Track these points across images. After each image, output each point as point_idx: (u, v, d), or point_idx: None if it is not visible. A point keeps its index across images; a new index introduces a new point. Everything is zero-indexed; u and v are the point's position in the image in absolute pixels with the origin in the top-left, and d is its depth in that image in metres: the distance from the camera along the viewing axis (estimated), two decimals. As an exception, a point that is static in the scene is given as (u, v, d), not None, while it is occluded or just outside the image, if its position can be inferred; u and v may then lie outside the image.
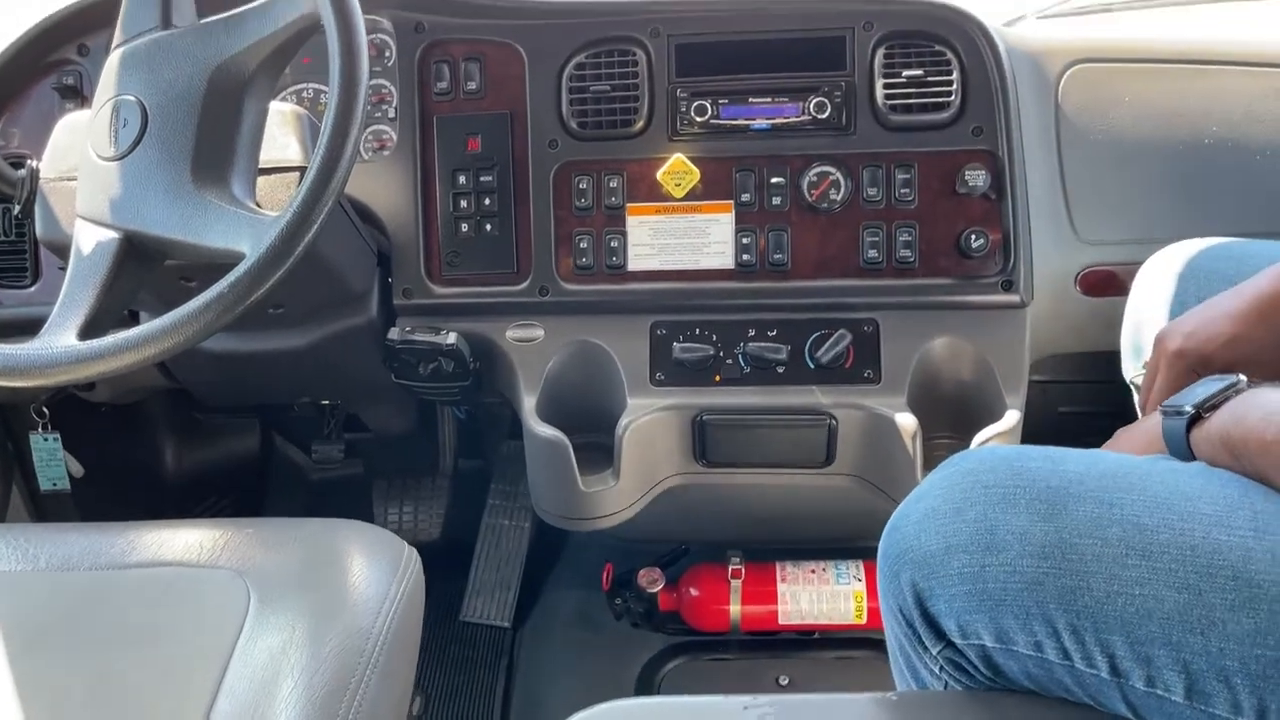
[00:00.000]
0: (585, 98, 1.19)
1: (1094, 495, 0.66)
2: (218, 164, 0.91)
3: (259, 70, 0.92)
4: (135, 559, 0.86)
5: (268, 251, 0.81)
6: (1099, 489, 0.66)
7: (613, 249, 1.18)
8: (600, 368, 1.21)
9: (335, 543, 0.89)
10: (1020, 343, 1.17)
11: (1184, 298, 0.96)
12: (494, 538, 1.63)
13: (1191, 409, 0.70)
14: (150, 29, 0.94)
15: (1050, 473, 0.68)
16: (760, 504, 1.30)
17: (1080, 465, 0.69)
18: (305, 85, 1.25)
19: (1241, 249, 0.98)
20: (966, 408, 1.19)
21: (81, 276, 0.89)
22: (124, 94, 0.92)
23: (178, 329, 0.81)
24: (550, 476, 1.22)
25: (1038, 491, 0.67)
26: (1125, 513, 0.65)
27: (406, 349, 1.18)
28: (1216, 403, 0.70)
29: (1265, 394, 0.67)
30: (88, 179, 0.93)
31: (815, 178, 1.15)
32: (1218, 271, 0.96)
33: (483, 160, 1.20)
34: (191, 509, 1.72)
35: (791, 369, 1.17)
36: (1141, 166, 1.20)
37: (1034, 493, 0.67)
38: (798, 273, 1.17)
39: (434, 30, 1.20)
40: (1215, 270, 0.96)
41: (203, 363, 1.25)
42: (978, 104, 1.15)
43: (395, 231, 1.21)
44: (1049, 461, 0.69)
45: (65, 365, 0.82)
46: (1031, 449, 0.72)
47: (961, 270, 1.16)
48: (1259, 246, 0.98)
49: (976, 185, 1.14)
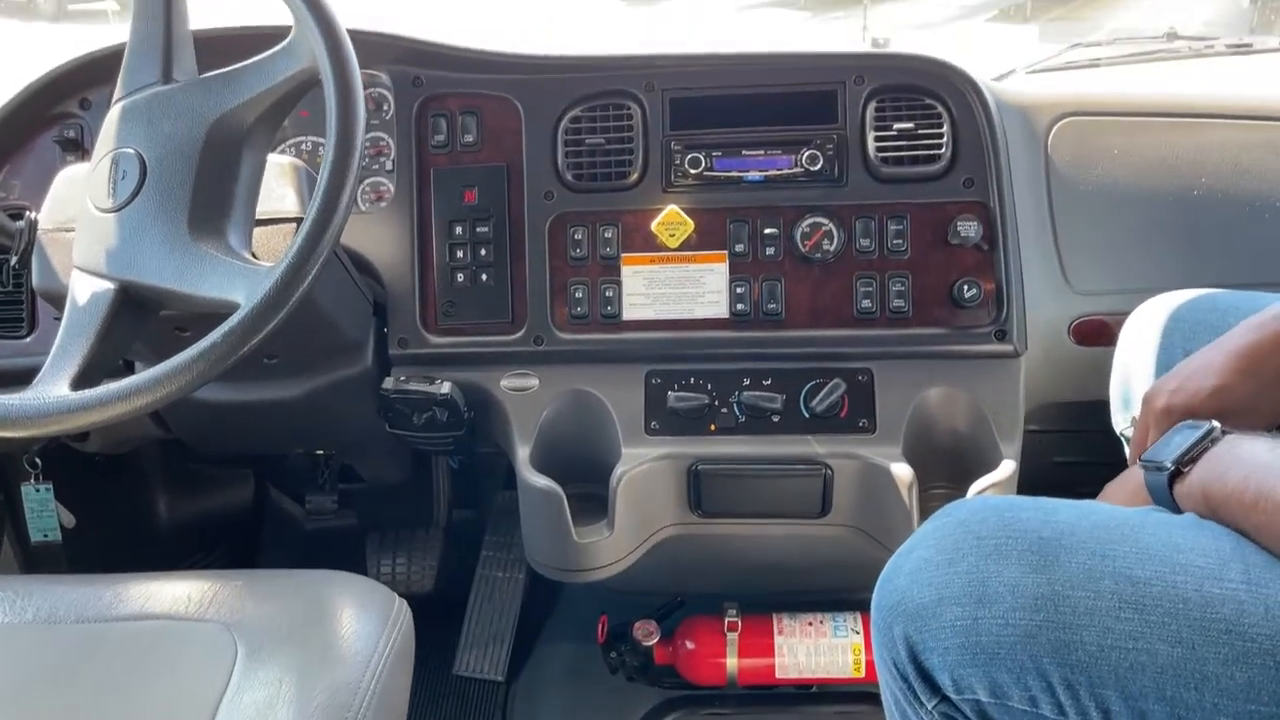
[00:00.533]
0: (580, 150, 1.20)
1: (1086, 546, 0.66)
2: (215, 215, 0.92)
3: (257, 123, 0.93)
4: (123, 612, 0.85)
5: (262, 302, 0.82)
6: (1091, 540, 0.66)
7: (608, 298, 1.19)
8: (595, 417, 1.20)
9: (325, 595, 0.88)
10: (1015, 392, 1.17)
11: (1170, 349, 0.97)
12: (488, 589, 1.62)
13: (1171, 464, 0.71)
14: (151, 83, 0.96)
15: (1042, 523, 0.68)
16: (756, 555, 1.29)
17: (1072, 516, 0.68)
18: (304, 138, 1.27)
19: (1227, 300, 0.99)
20: (962, 458, 1.19)
21: (76, 327, 0.89)
22: (123, 147, 0.94)
23: (170, 379, 0.82)
24: (544, 527, 1.22)
25: (1029, 543, 0.66)
26: (1118, 565, 0.64)
27: (401, 399, 1.18)
28: (1194, 455, 0.70)
29: (1244, 447, 0.68)
30: (85, 230, 0.94)
31: (808, 228, 1.16)
32: (1203, 322, 0.96)
33: (479, 211, 1.21)
34: (184, 560, 1.71)
35: (786, 418, 1.17)
36: (1132, 217, 1.21)
37: (1025, 544, 0.66)
38: (792, 322, 1.18)
39: (431, 84, 1.22)
40: (1201, 321, 0.96)
41: (196, 413, 1.25)
42: (969, 156, 1.17)
43: (391, 282, 1.22)
44: (1040, 512, 0.69)
45: (57, 415, 0.82)
46: (1023, 499, 0.72)
47: (955, 320, 1.16)
48: (1244, 298, 0.98)
49: (969, 236, 1.15)
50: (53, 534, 1.42)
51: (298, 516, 1.77)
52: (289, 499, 1.79)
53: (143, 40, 0.96)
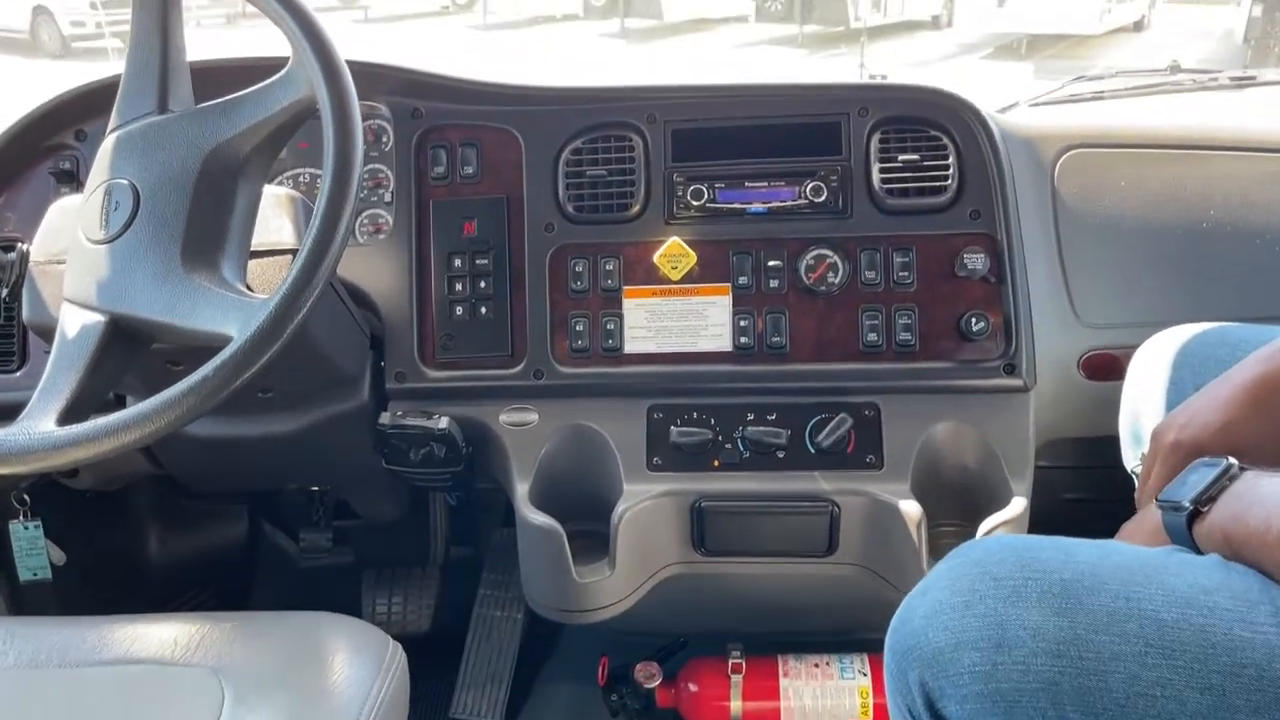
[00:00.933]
0: (582, 182, 1.19)
1: (1109, 588, 0.63)
2: (209, 247, 0.90)
3: (254, 153, 0.92)
4: (107, 656, 0.82)
5: (255, 334, 0.79)
6: (1114, 582, 0.64)
7: (609, 331, 1.17)
8: (595, 453, 1.18)
9: (316, 638, 0.85)
10: (1025, 427, 1.15)
11: (1180, 384, 0.95)
12: (485, 629, 1.58)
13: (1189, 504, 0.69)
14: (146, 113, 0.94)
15: (1062, 564, 0.65)
16: (761, 594, 1.27)
17: (1093, 556, 0.66)
18: (302, 170, 1.25)
19: (1237, 333, 0.97)
20: (972, 494, 1.17)
21: (64, 360, 0.87)
22: (117, 177, 0.92)
23: (160, 414, 0.79)
24: (543, 566, 1.19)
25: (1049, 584, 0.64)
26: (1143, 607, 0.62)
27: (398, 434, 1.16)
28: (1212, 494, 0.68)
29: (1264, 485, 0.65)
30: (77, 261, 0.92)
31: (813, 260, 1.15)
32: (1213, 356, 0.94)
33: (478, 244, 1.19)
34: (177, 598, 1.67)
35: (792, 454, 1.15)
36: (1140, 250, 1.20)
37: (1045, 586, 0.64)
38: (796, 356, 1.16)
39: (431, 116, 1.21)
40: (1210, 355, 0.95)
41: (189, 448, 1.23)
42: (975, 188, 1.15)
43: (389, 315, 1.20)
44: (1060, 552, 0.66)
45: (42, 451, 0.80)
46: (1041, 539, 0.69)
47: (963, 353, 1.14)
48: (1255, 331, 0.97)
49: (976, 268, 1.13)
50: (42, 572, 1.39)
51: (292, 554, 1.73)
52: (284, 536, 1.76)
53: (138, 70, 0.95)
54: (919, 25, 12.76)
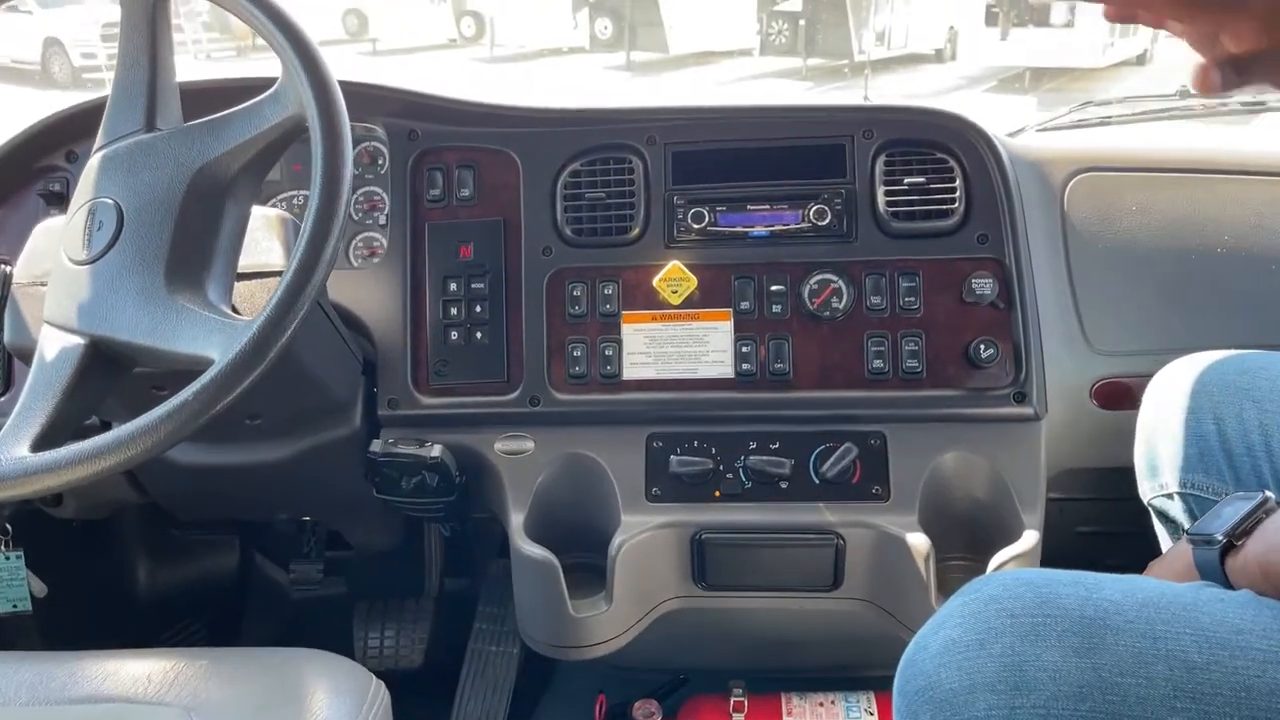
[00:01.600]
0: (580, 205, 1.16)
1: (1134, 627, 0.60)
2: (193, 268, 0.87)
3: (242, 172, 0.89)
4: (77, 693, 0.79)
5: (237, 357, 0.77)
6: (1140, 620, 0.60)
7: (607, 357, 1.14)
8: (593, 482, 1.15)
9: (295, 676, 0.81)
10: (1036, 458, 1.11)
11: (1197, 413, 0.92)
12: (480, 664, 1.54)
13: (1223, 537, 0.65)
14: (133, 131, 0.92)
15: (1084, 601, 0.61)
16: (764, 630, 1.23)
17: (1116, 593, 0.62)
18: (295, 193, 1.23)
19: (1256, 361, 0.94)
20: (981, 527, 1.13)
21: (41, 384, 0.84)
22: (101, 196, 0.90)
23: (136, 440, 0.76)
24: (538, 599, 1.15)
25: (1070, 623, 0.60)
26: (1171, 647, 0.58)
27: (389, 462, 1.13)
28: (1248, 527, 0.65)
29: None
30: (58, 283, 0.89)
31: (816, 285, 1.12)
32: (1231, 385, 0.92)
33: (475, 267, 1.17)
34: (164, 631, 1.63)
35: (795, 484, 1.11)
36: (1154, 276, 1.17)
37: (1066, 624, 0.60)
38: (800, 383, 1.13)
39: (428, 138, 1.19)
40: (1229, 384, 0.92)
41: (175, 476, 1.20)
42: (982, 211, 1.13)
43: (382, 340, 1.17)
44: (1081, 588, 0.63)
45: (13, 479, 0.77)
46: (1060, 573, 0.66)
47: (971, 381, 1.11)
48: (1272, 359, 0.94)
49: (984, 293, 1.10)
50: (23, 604, 1.35)
51: (283, 585, 1.69)
52: (275, 567, 1.72)
53: (126, 88, 0.93)
54: (922, 58, 12.86)
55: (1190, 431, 0.92)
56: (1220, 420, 0.90)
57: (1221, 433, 0.90)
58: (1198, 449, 0.91)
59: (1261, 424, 0.87)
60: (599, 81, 11.57)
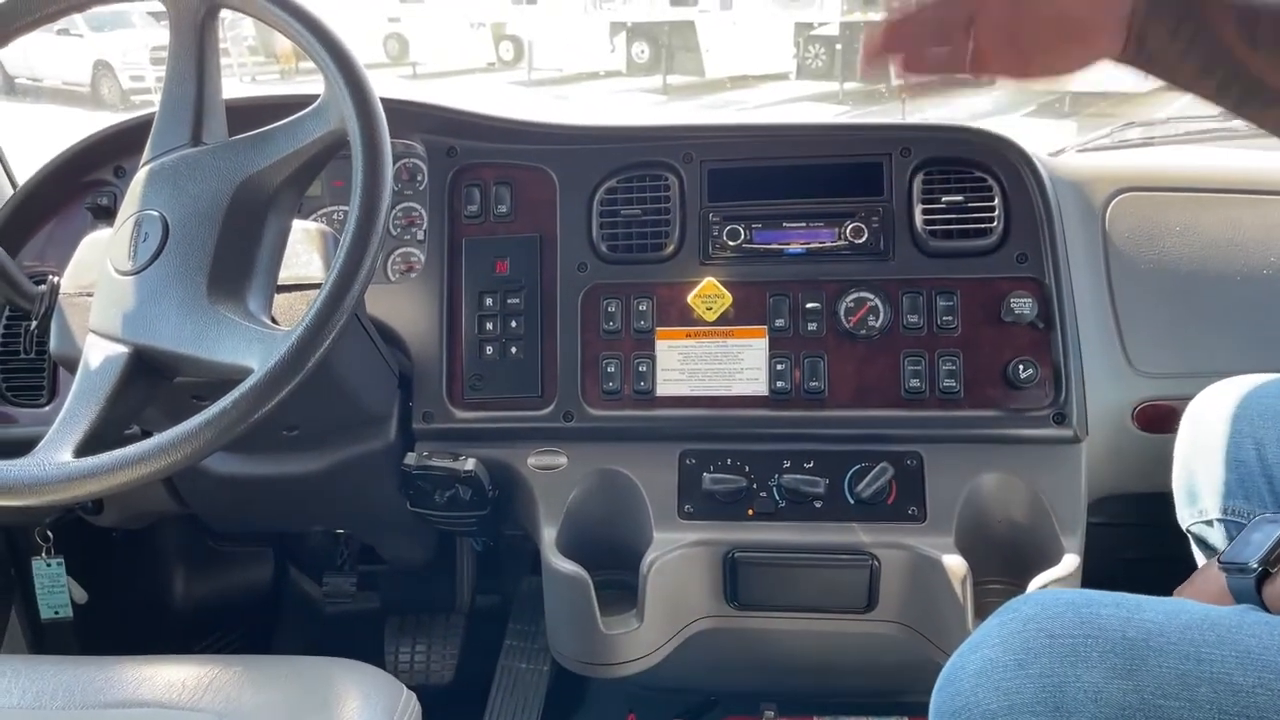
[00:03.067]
0: (616, 221, 1.17)
1: (1177, 649, 0.58)
2: (235, 279, 0.89)
3: (284, 186, 0.91)
4: (112, 698, 0.79)
5: (275, 367, 0.77)
6: (1183, 642, 0.59)
7: (641, 373, 1.14)
8: (625, 499, 1.14)
9: (328, 685, 0.81)
10: (1076, 480, 1.09)
11: (1238, 439, 0.90)
12: (510, 681, 1.53)
13: (1256, 565, 0.64)
14: (180, 146, 0.94)
15: (1125, 622, 0.60)
16: (796, 651, 1.21)
17: (1159, 614, 0.61)
18: (336, 208, 1.25)
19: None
20: (1020, 551, 1.11)
21: (85, 392, 0.86)
22: (147, 209, 0.91)
23: (177, 446, 0.77)
24: (569, 616, 1.14)
25: (1112, 643, 0.59)
26: (1215, 670, 0.57)
27: (423, 475, 1.13)
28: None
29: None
30: (103, 293, 0.91)
31: (852, 303, 1.11)
32: (1270, 409, 0.90)
33: (510, 283, 1.17)
34: (199, 641, 1.65)
35: (829, 504, 1.10)
36: (1198, 297, 1.15)
37: (1108, 645, 0.59)
38: (835, 401, 1.12)
39: (466, 154, 1.20)
40: (1270, 409, 0.90)
41: (213, 487, 1.21)
42: (1022, 230, 1.11)
43: (418, 354, 1.18)
44: (1123, 609, 0.62)
45: (55, 484, 0.78)
46: (1101, 594, 0.64)
47: (1010, 402, 1.09)
48: None
49: (1023, 313, 1.09)
50: (64, 610, 1.38)
51: (316, 598, 1.70)
52: (309, 580, 1.73)
53: (173, 104, 0.95)
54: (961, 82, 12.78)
55: (1230, 457, 0.90)
56: (1261, 445, 0.89)
57: (1262, 458, 0.88)
58: (1237, 475, 0.89)
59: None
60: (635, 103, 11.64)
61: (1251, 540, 0.67)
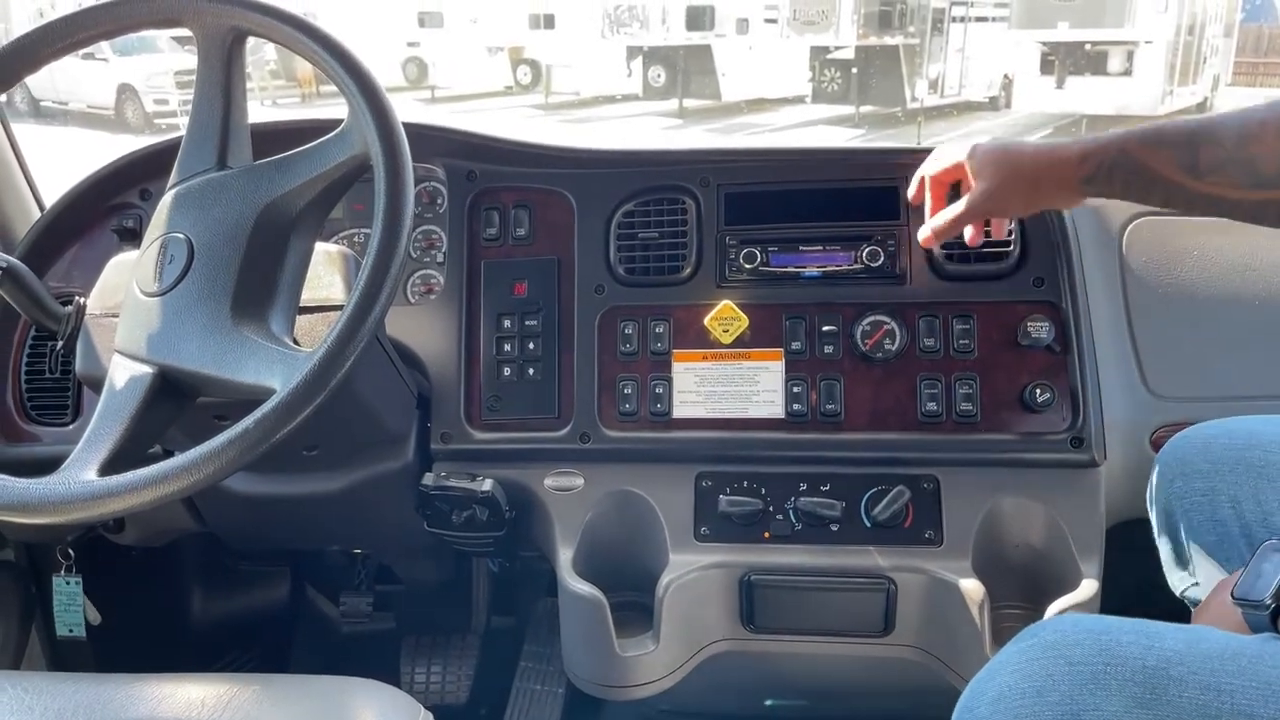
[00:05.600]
0: (633, 244, 1.18)
1: (1198, 678, 0.58)
2: (258, 300, 0.90)
3: (307, 209, 0.92)
4: (131, 715, 0.80)
5: (298, 387, 0.78)
6: (1203, 671, 0.58)
7: (657, 395, 1.14)
8: (641, 520, 1.14)
9: (346, 704, 0.82)
10: (1094, 504, 1.09)
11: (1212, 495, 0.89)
12: (525, 703, 1.53)
13: (1270, 601, 0.64)
14: (206, 170, 0.95)
15: (1145, 650, 0.60)
16: (812, 675, 1.20)
17: (1179, 643, 0.61)
18: (357, 230, 1.26)
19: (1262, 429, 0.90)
20: (1037, 575, 1.11)
21: (111, 412, 0.87)
22: (173, 231, 0.93)
23: (199, 465, 0.78)
24: (585, 637, 1.14)
25: (1131, 672, 0.59)
26: (1236, 701, 0.57)
27: (440, 495, 1.14)
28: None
29: None
30: (129, 314, 0.92)
31: (869, 326, 1.11)
32: (1243, 461, 0.88)
33: (529, 305, 1.18)
34: (216, 659, 1.65)
35: (846, 527, 1.10)
36: (1215, 322, 1.15)
37: (1127, 673, 0.59)
38: (852, 424, 1.12)
39: (485, 178, 1.22)
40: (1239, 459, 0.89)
41: (233, 505, 1.22)
42: (1038, 254, 1.12)
43: (437, 375, 1.19)
44: (1143, 637, 0.61)
45: (80, 502, 0.78)
46: (1121, 621, 0.64)
47: (1027, 425, 1.09)
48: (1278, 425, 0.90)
49: (1040, 337, 1.09)
50: (78, 629, 1.38)
51: (333, 618, 1.71)
52: (325, 600, 1.74)
53: (200, 128, 0.97)
54: (976, 106, 12.82)
55: (1208, 518, 0.89)
56: (1237, 502, 0.87)
57: (1240, 515, 0.87)
58: (1217, 536, 0.88)
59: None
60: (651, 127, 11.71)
61: (1263, 572, 0.67)
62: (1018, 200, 0.93)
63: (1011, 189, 0.92)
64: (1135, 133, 0.83)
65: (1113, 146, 0.83)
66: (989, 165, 0.93)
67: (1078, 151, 0.86)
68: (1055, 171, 0.88)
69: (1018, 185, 0.91)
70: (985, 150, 0.94)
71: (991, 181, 0.92)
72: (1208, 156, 0.76)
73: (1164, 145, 0.80)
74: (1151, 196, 0.85)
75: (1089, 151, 0.85)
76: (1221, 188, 0.75)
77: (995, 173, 0.92)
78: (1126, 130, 0.84)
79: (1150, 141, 0.81)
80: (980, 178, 0.93)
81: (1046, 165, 0.88)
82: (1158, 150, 0.80)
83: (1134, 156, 0.82)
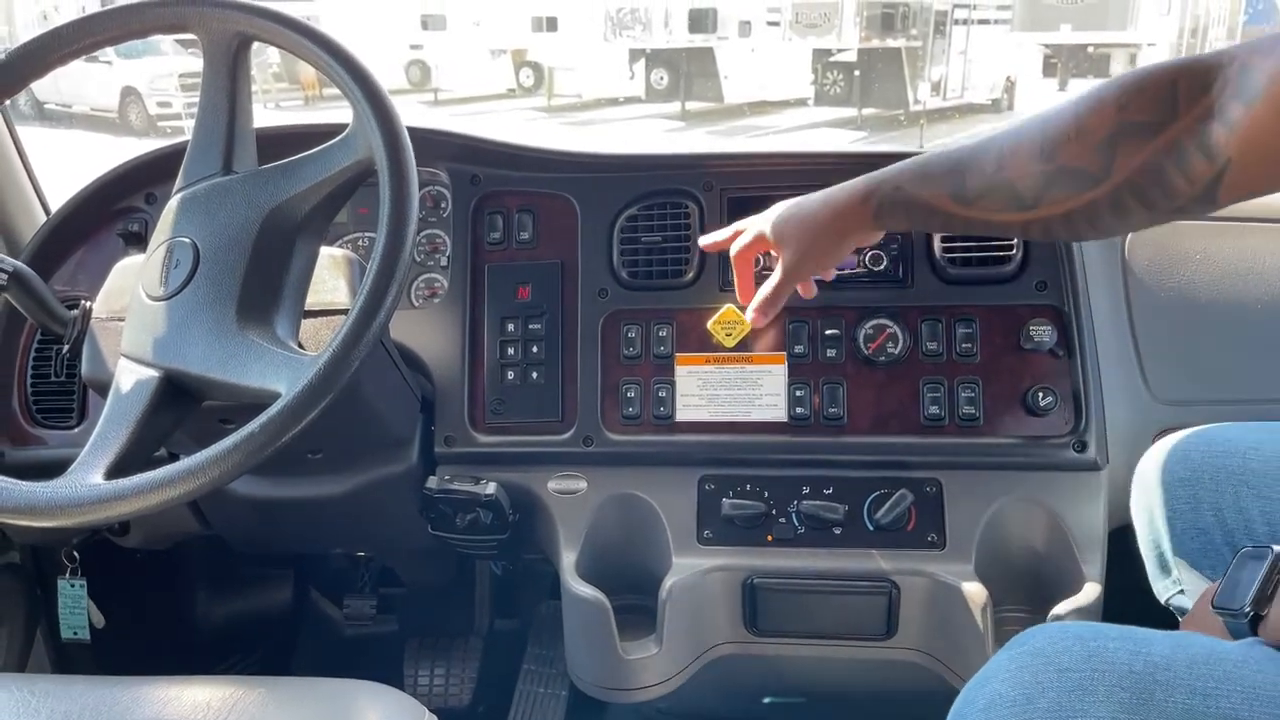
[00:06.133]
0: (636, 248, 1.18)
1: (1184, 684, 0.58)
2: (264, 305, 0.90)
3: (312, 213, 0.92)
4: (134, 718, 0.80)
5: (303, 391, 0.79)
6: (1190, 677, 0.59)
7: (660, 399, 1.15)
8: (644, 523, 1.15)
9: (350, 706, 0.82)
10: (1097, 508, 1.09)
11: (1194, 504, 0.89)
12: (528, 706, 1.53)
13: (1249, 609, 0.64)
14: (211, 174, 0.96)
15: (1132, 656, 0.60)
16: (816, 678, 1.21)
17: (1166, 649, 0.61)
18: (361, 234, 1.27)
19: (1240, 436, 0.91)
20: (1040, 578, 1.11)
21: (117, 415, 0.87)
22: (179, 236, 0.93)
23: (205, 469, 0.78)
24: (588, 640, 1.15)
25: (1119, 678, 0.59)
26: (1222, 706, 0.57)
27: (444, 498, 1.14)
28: (1271, 592, 0.64)
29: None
30: (135, 318, 0.93)
31: (872, 330, 1.12)
32: (1223, 469, 0.89)
33: (532, 308, 1.19)
34: (218, 663, 1.66)
35: (849, 530, 1.10)
36: (1217, 325, 1.15)
37: (1115, 679, 0.59)
38: (855, 428, 1.12)
39: (489, 182, 1.22)
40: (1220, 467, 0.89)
41: (238, 508, 1.22)
42: (1041, 258, 1.12)
43: (441, 378, 1.19)
44: (1130, 643, 0.62)
45: (87, 505, 0.79)
46: (1109, 627, 0.64)
47: (1030, 429, 1.10)
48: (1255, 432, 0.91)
49: (1043, 341, 1.09)
50: (81, 632, 1.39)
51: (336, 620, 1.71)
52: (329, 602, 1.74)
53: (205, 133, 0.97)
54: (979, 109, 12.83)
55: (1191, 526, 0.89)
56: (1219, 510, 0.87)
57: (1222, 523, 0.87)
58: (1200, 545, 0.88)
59: (1265, 515, 0.84)
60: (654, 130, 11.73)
61: (1240, 581, 0.67)
62: (830, 253, 0.94)
63: (819, 246, 0.93)
64: (908, 167, 0.84)
65: (888, 184, 0.85)
66: (790, 230, 0.94)
67: (861, 192, 0.88)
68: (849, 216, 0.89)
69: (823, 240, 0.92)
70: (781, 218, 0.95)
71: (799, 245, 0.93)
72: (973, 184, 0.78)
73: (933, 177, 0.82)
74: (932, 224, 0.89)
75: (870, 190, 0.87)
76: (989, 212, 0.77)
77: (798, 235, 0.93)
78: (900, 166, 0.85)
79: (919, 175, 0.83)
80: (786, 245, 0.94)
81: (841, 213, 0.90)
82: (927, 182, 0.82)
83: (907, 191, 0.84)
